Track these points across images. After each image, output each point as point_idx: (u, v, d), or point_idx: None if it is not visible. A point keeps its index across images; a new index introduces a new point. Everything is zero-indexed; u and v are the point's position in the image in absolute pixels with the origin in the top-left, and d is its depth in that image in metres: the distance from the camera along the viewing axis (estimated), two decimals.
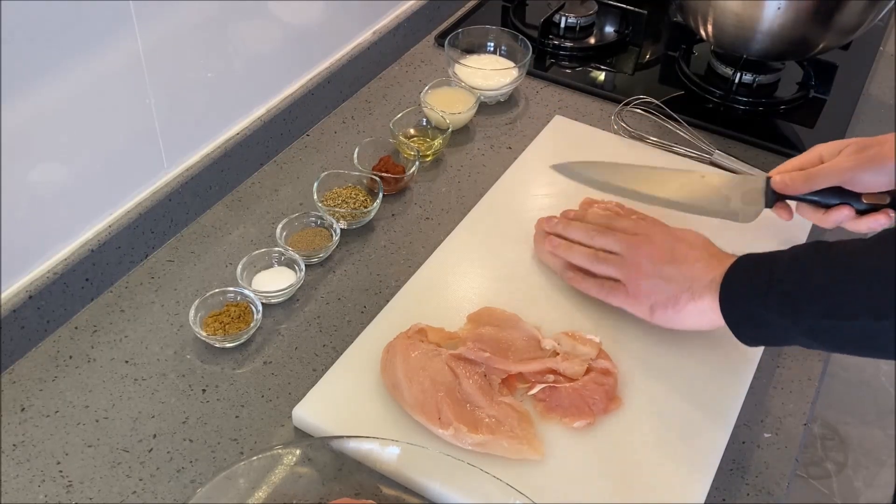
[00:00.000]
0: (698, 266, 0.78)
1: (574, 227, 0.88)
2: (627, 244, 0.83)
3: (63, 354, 0.83)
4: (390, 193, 1.01)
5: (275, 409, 0.79)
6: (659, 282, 0.79)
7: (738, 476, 0.75)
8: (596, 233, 0.86)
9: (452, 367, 0.77)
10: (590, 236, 0.86)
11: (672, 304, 0.78)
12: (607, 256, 0.84)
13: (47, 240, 0.83)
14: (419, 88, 1.14)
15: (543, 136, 1.09)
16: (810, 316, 0.69)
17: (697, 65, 1.27)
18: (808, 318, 0.69)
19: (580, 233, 0.87)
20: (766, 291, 0.71)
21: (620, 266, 0.82)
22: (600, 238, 0.85)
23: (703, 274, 0.77)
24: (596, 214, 0.89)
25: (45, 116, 0.77)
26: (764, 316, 0.72)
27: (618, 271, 0.83)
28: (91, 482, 0.72)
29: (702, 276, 0.77)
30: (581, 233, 0.87)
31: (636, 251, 0.82)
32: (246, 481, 0.68)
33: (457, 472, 0.69)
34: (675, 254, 0.80)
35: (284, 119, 1.06)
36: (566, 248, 0.87)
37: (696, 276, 0.77)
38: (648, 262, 0.81)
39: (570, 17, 1.31)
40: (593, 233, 0.86)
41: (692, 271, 0.78)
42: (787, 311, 0.70)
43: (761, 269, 0.73)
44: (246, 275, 0.88)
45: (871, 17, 1.10)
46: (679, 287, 0.78)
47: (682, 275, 0.78)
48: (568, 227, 0.89)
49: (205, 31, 0.91)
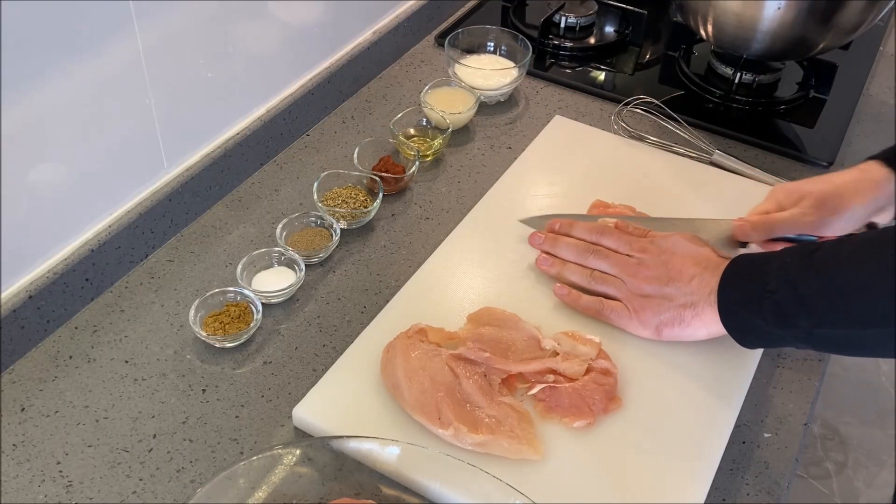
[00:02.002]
0: (696, 281, 0.79)
1: (564, 244, 0.89)
2: (624, 268, 0.84)
3: (63, 354, 0.83)
4: (390, 193, 1.01)
5: (275, 409, 0.79)
6: (662, 302, 0.80)
7: (738, 476, 0.75)
8: (589, 253, 0.86)
9: (452, 367, 0.77)
10: (583, 256, 0.87)
11: (678, 322, 0.80)
12: (605, 276, 0.85)
13: (47, 240, 0.83)
14: (419, 88, 1.14)
15: (543, 136, 1.09)
16: (802, 326, 0.71)
17: (697, 65, 1.27)
18: (801, 328, 0.71)
19: (572, 252, 0.87)
20: (760, 302, 0.73)
21: (620, 289, 0.84)
22: (595, 259, 0.86)
23: (701, 288, 0.78)
24: (583, 229, 0.89)
25: (46, 116, 0.77)
26: (762, 326, 0.74)
27: (618, 293, 0.84)
28: (91, 482, 0.72)
29: (700, 289, 0.78)
30: (573, 252, 0.87)
31: (634, 274, 0.83)
32: (246, 481, 0.68)
33: (457, 472, 0.69)
34: (670, 271, 0.81)
35: (284, 119, 1.06)
36: (560, 266, 0.88)
37: (696, 291, 0.79)
38: (648, 285, 0.82)
39: (570, 17, 1.31)
40: (586, 253, 0.86)
41: (691, 287, 0.79)
42: (780, 322, 0.72)
43: (753, 279, 0.75)
44: (246, 275, 0.88)
45: (871, 17, 1.10)
46: (681, 304, 0.79)
47: (682, 292, 0.79)
48: (557, 244, 0.89)
49: (205, 31, 0.91)
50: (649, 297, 0.81)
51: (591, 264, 0.86)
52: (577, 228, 0.89)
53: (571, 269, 0.87)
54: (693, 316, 0.79)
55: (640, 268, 0.83)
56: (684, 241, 0.84)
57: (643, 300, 0.82)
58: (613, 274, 0.84)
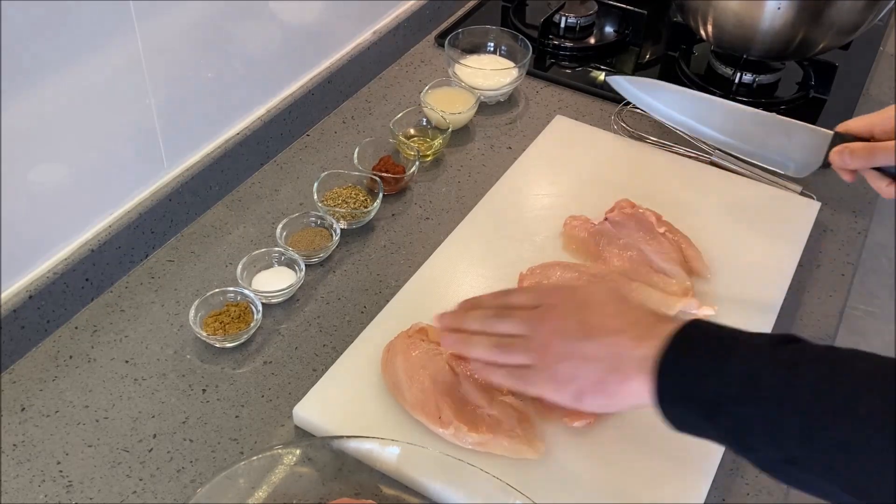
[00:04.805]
0: (623, 338, 0.64)
1: (470, 316, 0.73)
2: (529, 322, 0.69)
3: (63, 354, 0.83)
4: (390, 193, 1.01)
5: (275, 409, 0.79)
6: (578, 363, 0.65)
7: (738, 476, 0.75)
8: (493, 317, 0.71)
9: (453, 366, 0.77)
10: (488, 323, 0.71)
11: (600, 389, 0.64)
12: (511, 342, 0.69)
13: (47, 240, 0.83)
14: (419, 88, 1.14)
15: (544, 136, 1.09)
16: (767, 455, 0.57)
17: (697, 65, 1.27)
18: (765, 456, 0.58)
19: (477, 322, 0.72)
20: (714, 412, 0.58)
21: (527, 349, 0.68)
22: (498, 323, 0.70)
23: (630, 349, 0.63)
24: (490, 296, 0.74)
25: (46, 116, 0.77)
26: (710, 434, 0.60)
27: (526, 356, 0.68)
28: (91, 482, 0.72)
29: (629, 351, 0.63)
30: (478, 321, 0.72)
31: (541, 328, 0.68)
32: (246, 481, 0.68)
33: (457, 472, 0.69)
34: (588, 324, 0.66)
35: (284, 119, 1.06)
36: (463, 341, 0.72)
37: (622, 352, 0.63)
38: (560, 339, 0.66)
39: (570, 17, 1.31)
40: (490, 318, 0.71)
41: (616, 346, 0.64)
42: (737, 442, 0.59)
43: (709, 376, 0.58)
44: (246, 275, 0.88)
45: (871, 17, 1.10)
46: (604, 367, 0.64)
47: (605, 351, 0.64)
48: (465, 319, 0.73)
49: (205, 31, 0.91)
50: (562, 354, 0.66)
51: (495, 329, 0.70)
52: (484, 297, 0.75)
53: (475, 341, 0.71)
54: (618, 382, 0.63)
55: (547, 318, 0.68)
56: (607, 290, 0.70)
57: (556, 357, 0.66)
58: (521, 333, 0.69)
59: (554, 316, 0.68)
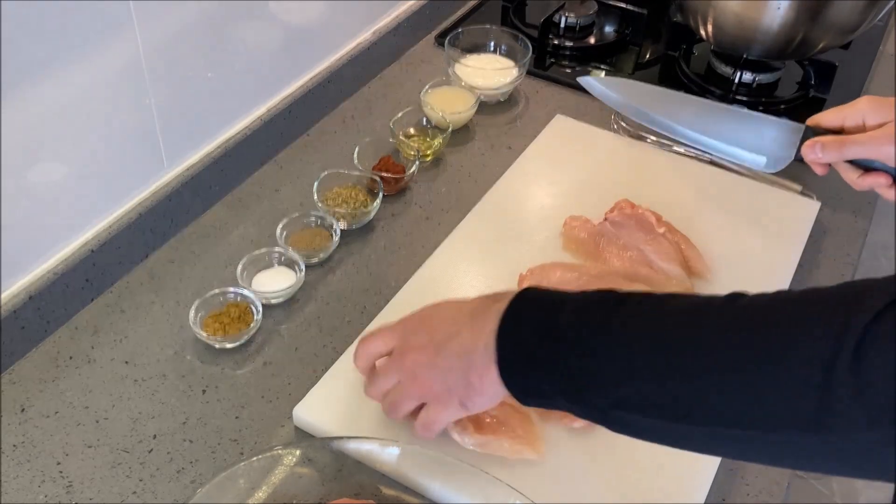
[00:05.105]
0: (464, 336, 0.63)
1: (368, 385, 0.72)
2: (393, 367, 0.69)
3: (63, 355, 0.83)
4: (390, 193, 1.01)
5: (275, 410, 0.79)
6: (444, 377, 0.65)
7: (738, 476, 0.75)
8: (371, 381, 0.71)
9: None
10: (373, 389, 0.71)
11: (472, 390, 0.63)
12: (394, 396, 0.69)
13: (47, 240, 0.83)
14: (419, 88, 1.14)
15: (544, 135, 1.09)
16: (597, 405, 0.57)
17: (697, 65, 1.27)
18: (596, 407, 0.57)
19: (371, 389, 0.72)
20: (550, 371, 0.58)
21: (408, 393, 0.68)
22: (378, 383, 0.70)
23: (474, 342, 0.62)
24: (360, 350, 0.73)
25: (46, 116, 0.77)
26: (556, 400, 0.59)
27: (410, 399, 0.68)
28: (91, 482, 0.72)
29: (472, 344, 0.62)
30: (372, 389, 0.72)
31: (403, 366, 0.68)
32: (246, 482, 0.68)
33: (457, 473, 0.69)
34: (434, 339, 0.66)
35: (284, 119, 1.06)
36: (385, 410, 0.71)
37: (468, 349, 0.62)
38: (421, 367, 0.66)
39: (570, 16, 1.31)
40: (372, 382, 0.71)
41: (461, 346, 0.63)
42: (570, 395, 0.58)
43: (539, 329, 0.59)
44: (246, 275, 0.88)
45: (871, 17, 1.10)
46: (463, 370, 0.63)
47: (455, 356, 0.63)
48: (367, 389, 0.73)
49: (205, 31, 0.91)
50: (430, 377, 0.66)
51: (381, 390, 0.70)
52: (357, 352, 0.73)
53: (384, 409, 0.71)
54: (479, 378, 0.62)
55: (403, 351, 0.68)
56: (446, 302, 0.69)
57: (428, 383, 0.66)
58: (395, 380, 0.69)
59: (408, 349, 0.68)
